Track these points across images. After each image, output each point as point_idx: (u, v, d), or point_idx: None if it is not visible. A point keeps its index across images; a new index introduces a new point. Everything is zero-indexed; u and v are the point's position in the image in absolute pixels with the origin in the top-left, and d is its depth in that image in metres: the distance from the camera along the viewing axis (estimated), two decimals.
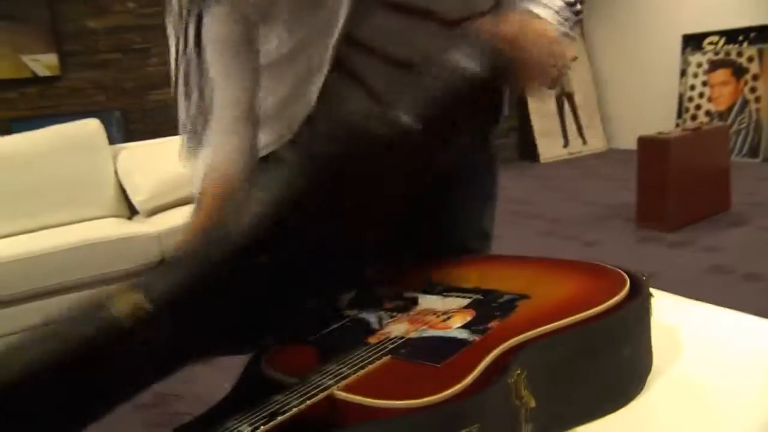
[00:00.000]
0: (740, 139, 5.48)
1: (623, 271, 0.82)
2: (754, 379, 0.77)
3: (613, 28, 6.69)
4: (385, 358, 0.67)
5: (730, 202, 3.97)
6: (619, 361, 0.75)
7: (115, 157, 3.26)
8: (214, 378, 1.02)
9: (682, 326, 0.90)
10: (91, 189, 3.16)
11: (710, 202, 3.85)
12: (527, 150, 6.64)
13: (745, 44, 5.56)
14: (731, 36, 5.65)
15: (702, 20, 5.83)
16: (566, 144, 6.68)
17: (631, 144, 6.34)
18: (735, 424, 0.70)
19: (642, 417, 0.72)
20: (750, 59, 5.52)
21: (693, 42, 5.92)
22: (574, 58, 6.78)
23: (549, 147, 6.56)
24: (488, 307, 0.78)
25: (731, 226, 3.69)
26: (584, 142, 6.77)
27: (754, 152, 5.44)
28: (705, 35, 5.83)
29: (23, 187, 3.03)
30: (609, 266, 0.86)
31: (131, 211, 3.23)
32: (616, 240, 3.65)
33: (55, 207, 3.07)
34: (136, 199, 3.07)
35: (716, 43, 5.76)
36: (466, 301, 0.81)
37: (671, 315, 0.91)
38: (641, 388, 0.76)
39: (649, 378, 0.78)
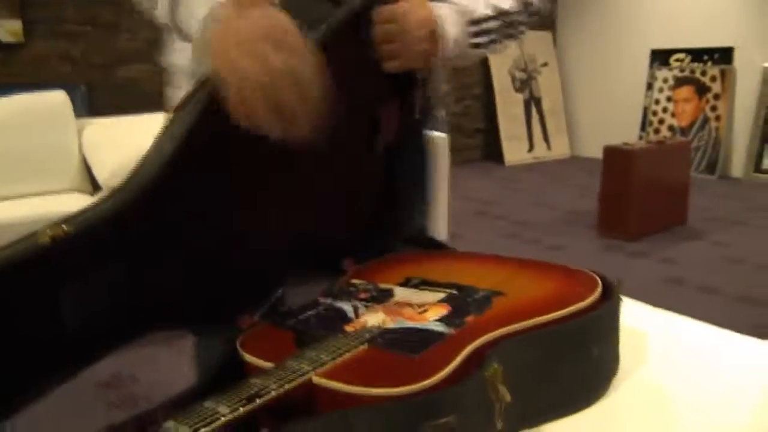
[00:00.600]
0: (699, 155, 5.63)
1: (595, 274, 0.84)
2: (715, 385, 0.80)
3: (585, 37, 6.80)
4: (362, 347, 0.67)
5: (687, 216, 4.07)
6: (589, 360, 0.76)
7: (80, 132, 3.19)
8: (172, 362, 1.01)
9: (647, 332, 0.92)
10: (54, 162, 3.09)
11: (668, 214, 3.94)
12: (492, 152, 6.70)
13: (709, 64, 5.70)
14: (697, 54, 5.79)
15: (670, 37, 5.96)
16: (531, 148, 6.76)
17: (594, 152, 6.48)
18: (696, 426, 0.72)
19: (606, 417, 0.73)
20: (713, 79, 5.67)
21: (660, 57, 6.05)
22: (544, 64, 6.88)
23: (514, 150, 6.63)
24: (463, 302, 0.79)
25: (687, 239, 3.79)
26: (549, 147, 6.87)
27: (711, 169, 5.59)
28: (672, 51, 5.96)
29: None
30: (581, 269, 0.88)
31: (94, 187, 3.17)
32: (578, 246, 3.71)
33: (15, 178, 2.99)
34: (100, 176, 3.01)
35: (682, 60, 5.90)
36: (441, 296, 0.82)
37: (636, 321, 0.93)
38: (607, 389, 0.78)
39: (615, 380, 0.80)
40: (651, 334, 0.92)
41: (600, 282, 0.82)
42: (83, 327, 0.70)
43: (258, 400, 0.58)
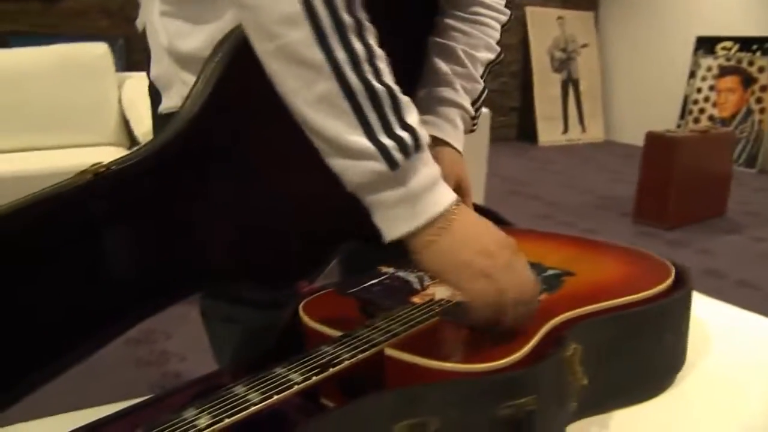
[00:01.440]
0: (740, 148, 5.49)
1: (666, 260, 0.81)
2: None
3: (628, 20, 6.64)
4: (434, 320, 0.65)
5: (726, 208, 3.98)
6: (661, 348, 0.74)
7: (120, 86, 3.18)
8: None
9: (709, 323, 0.89)
10: (92, 114, 3.08)
11: (707, 205, 3.86)
12: (526, 131, 6.61)
13: (758, 54, 5.54)
14: (745, 43, 5.62)
15: (718, 24, 5.80)
16: (566, 130, 6.66)
17: (629, 138, 6.36)
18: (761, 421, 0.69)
19: (673, 408, 0.71)
20: (761, 69, 5.51)
21: (706, 45, 5.90)
22: (584, 45, 6.74)
23: (548, 131, 6.54)
24: None
25: (725, 232, 3.71)
26: (584, 130, 6.76)
27: (751, 162, 5.46)
28: (719, 39, 5.80)
29: (22, 103, 2.94)
30: (651, 253, 0.85)
31: (131, 142, 3.17)
32: (612, 231, 3.65)
33: (54, 128, 2.99)
34: (138, 131, 3.00)
35: (729, 49, 5.74)
36: None
37: (700, 312, 0.90)
38: (674, 379, 0.75)
39: (682, 371, 0.77)
40: (713, 326, 0.89)
41: (673, 268, 0.79)
42: (131, 278, 0.69)
43: (331, 369, 0.55)
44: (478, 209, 1.01)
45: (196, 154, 0.69)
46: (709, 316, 0.91)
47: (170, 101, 0.80)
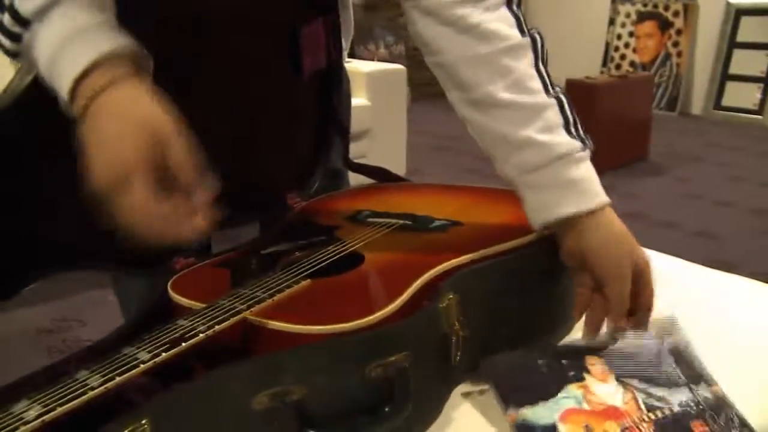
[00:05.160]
0: (660, 91, 5.60)
1: None
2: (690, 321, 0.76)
3: None
4: (304, 282, 0.61)
5: (648, 152, 4.06)
6: (557, 291, 0.72)
7: None
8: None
9: None
10: None
11: (630, 149, 3.93)
12: None
13: None
14: None
15: None
16: None
17: None
18: None
19: None
20: (676, 14, 5.60)
21: None
22: None
23: None
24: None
25: (648, 175, 3.78)
26: None
27: (671, 105, 5.57)
28: None
29: None
30: None
31: None
32: None
33: None
34: None
35: None
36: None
37: None
38: (573, 325, 0.73)
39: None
40: None
41: None
42: None
43: (183, 344, 0.51)
44: (374, 171, 0.97)
45: (25, 128, 0.64)
46: None
47: None
